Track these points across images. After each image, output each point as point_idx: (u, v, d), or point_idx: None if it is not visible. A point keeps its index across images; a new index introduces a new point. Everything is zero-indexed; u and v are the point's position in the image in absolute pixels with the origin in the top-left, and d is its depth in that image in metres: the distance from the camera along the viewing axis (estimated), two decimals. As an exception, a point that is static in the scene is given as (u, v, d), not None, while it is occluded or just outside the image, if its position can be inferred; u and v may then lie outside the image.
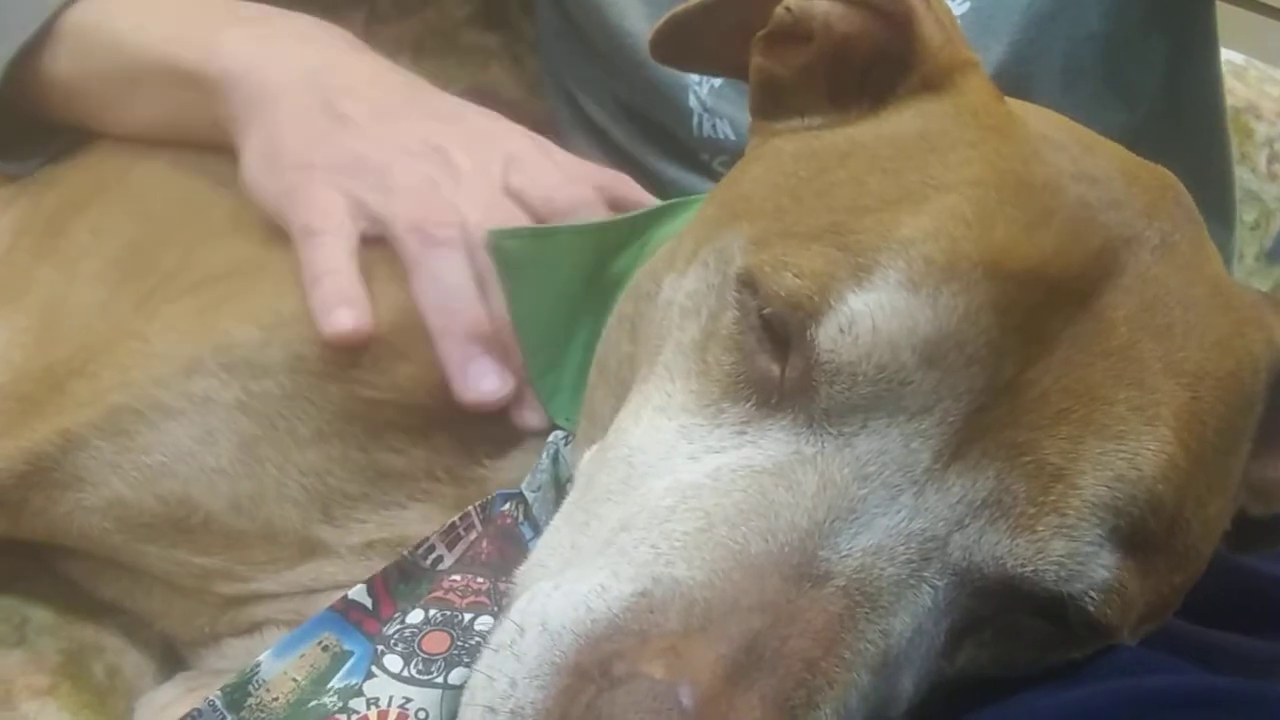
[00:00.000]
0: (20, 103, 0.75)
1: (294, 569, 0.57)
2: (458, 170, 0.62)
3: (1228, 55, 1.05)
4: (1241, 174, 1.02)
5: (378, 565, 0.54)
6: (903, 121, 0.48)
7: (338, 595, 0.52)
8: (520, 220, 0.60)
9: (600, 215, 0.63)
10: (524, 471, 0.56)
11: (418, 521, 0.57)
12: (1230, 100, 0.97)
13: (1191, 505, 0.43)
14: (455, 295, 0.58)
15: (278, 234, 0.64)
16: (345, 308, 0.56)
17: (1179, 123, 0.80)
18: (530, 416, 0.58)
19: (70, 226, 0.72)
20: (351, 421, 0.57)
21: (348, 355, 0.56)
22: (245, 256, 0.64)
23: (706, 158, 0.80)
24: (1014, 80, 0.73)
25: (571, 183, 0.63)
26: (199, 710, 0.48)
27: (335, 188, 0.61)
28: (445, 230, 0.59)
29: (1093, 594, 0.41)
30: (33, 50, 0.73)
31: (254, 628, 0.59)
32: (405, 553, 0.54)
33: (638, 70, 0.79)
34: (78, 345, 0.60)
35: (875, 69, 0.51)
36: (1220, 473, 0.45)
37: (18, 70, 0.73)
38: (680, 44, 0.59)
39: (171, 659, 0.64)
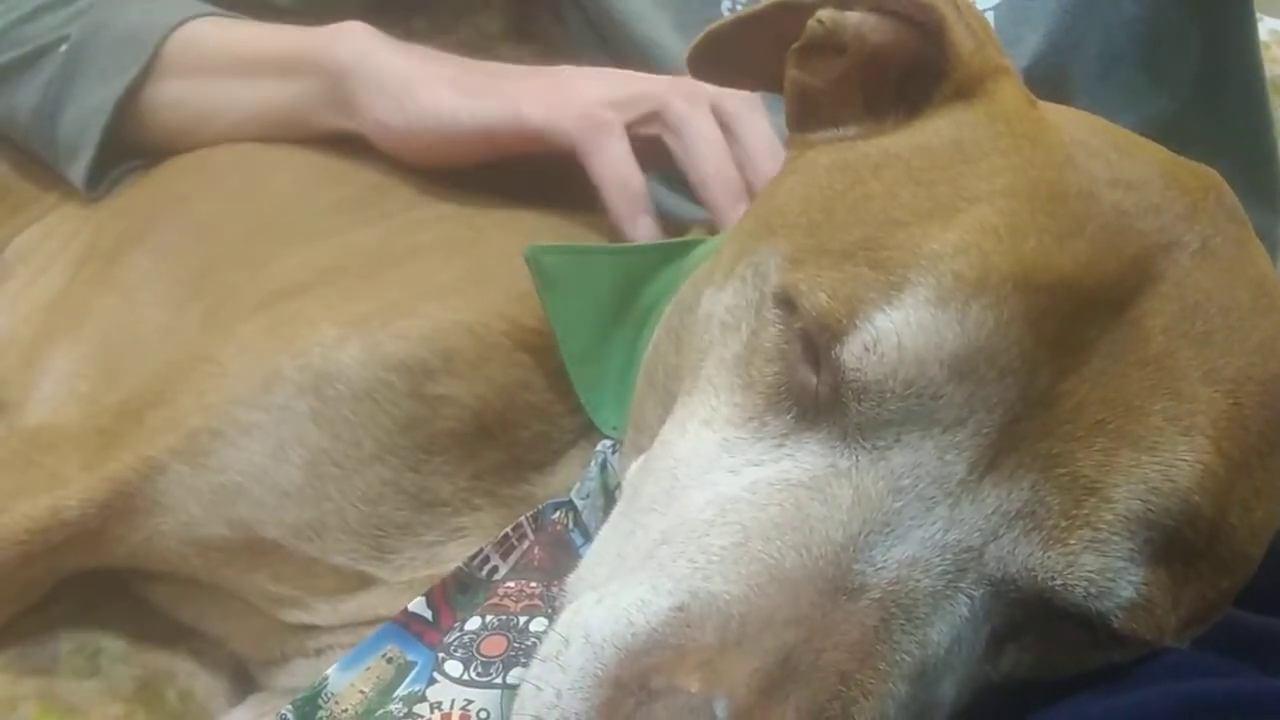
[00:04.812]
0: (119, 135, 0.81)
1: (352, 598, 0.59)
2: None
3: (1273, 24, 1.01)
4: (1287, 145, 0.98)
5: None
6: (936, 131, 0.48)
7: None
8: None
9: None
10: (570, 483, 0.58)
11: (457, 559, 0.58)
12: (1276, 70, 0.94)
13: (1236, 511, 0.43)
14: (720, 150, 0.69)
15: (350, 240, 0.66)
16: (645, 216, 0.68)
17: (1219, 105, 0.78)
18: None
19: (130, 255, 0.75)
20: (410, 431, 0.58)
21: (420, 355, 0.58)
22: (319, 265, 0.66)
23: None
24: (1051, 70, 0.73)
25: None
26: None
27: (585, 81, 0.70)
28: (699, 92, 0.69)
29: (1118, 613, 0.41)
30: (137, 84, 0.79)
31: (320, 651, 0.61)
32: (461, 564, 0.55)
33: None
34: (150, 374, 0.62)
35: (910, 78, 0.51)
36: (1267, 476, 0.44)
37: (121, 106, 0.79)
38: (716, 59, 0.60)
39: (242, 681, 0.65)
